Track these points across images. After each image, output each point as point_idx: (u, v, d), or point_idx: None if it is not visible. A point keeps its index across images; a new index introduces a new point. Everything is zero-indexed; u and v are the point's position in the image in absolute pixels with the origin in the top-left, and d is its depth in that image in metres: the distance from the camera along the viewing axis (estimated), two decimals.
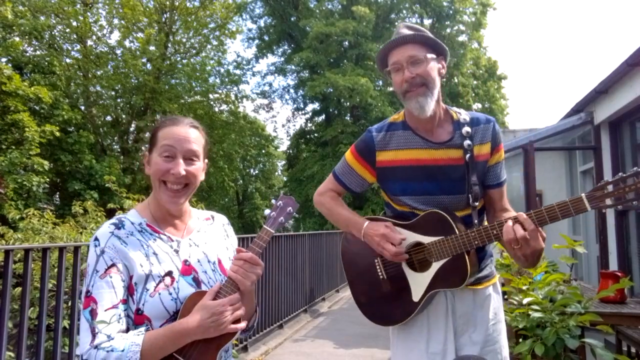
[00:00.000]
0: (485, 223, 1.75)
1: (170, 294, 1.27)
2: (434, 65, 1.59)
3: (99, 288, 1.20)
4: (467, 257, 1.52)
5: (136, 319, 1.24)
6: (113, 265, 1.23)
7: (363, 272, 1.74)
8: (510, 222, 1.42)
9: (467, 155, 1.59)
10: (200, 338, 1.24)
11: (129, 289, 1.24)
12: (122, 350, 1.15)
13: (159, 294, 1.25)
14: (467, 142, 1.60)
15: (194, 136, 1.34)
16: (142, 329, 1.21)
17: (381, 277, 1.70)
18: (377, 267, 1.71)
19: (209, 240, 1.44)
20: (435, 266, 1.58)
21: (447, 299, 1.66)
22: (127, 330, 1.22)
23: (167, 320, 1.26)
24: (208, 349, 1.27)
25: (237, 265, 1.29)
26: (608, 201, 1.36)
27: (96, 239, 1.26)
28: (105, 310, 1.18)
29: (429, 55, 1.58)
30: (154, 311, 1.24)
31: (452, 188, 1.61)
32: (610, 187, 1.36)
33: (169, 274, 1.29)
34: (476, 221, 1.61)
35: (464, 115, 1.66)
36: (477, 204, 1.61)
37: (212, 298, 1.27)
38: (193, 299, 1.27)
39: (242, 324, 1.30)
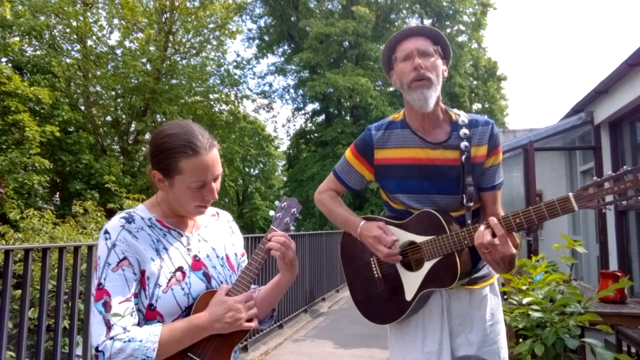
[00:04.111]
0: None
1: (183, 289, 1.26)
2: (440, 63, 1.61)
3: (112, 281, 1.19)
4: (457, 256, 1.52)
5: (147, 315, 1.22)
6: (125, 258, 1.21)
7: (360, 271, 1.75)
8: (482, 227, 1.44)
9: (464, 157, 1.59)
10: (216, 333, 1.25)
11: (141, 283, 1.23)
12: (140, 341, 1.14)
13: (172, 289, 1.24)
14: (464, 144, 1.60)
15: (217, 158, 1.29)
16: (158, 325, 1.21)
17: (377, 275, 1.71)
18: (373, 265, 1.72)
19: (216, 235, 1.43)
20: (428, 265, 1.59)
21: (443, 298, 1.66)
22: (139, 325, 1.21)
23: (179, 316, 1.25)
24: (222, 347, 1.27)
25: (279, 243, 1.33)
26: (598, 201, 1.35)
27: (106, 232, 1.24)
28: (120, 303, 1.17)
29: (438, 52, 1.60)
30: (166, 307, 1.23)
31: (447, 188, 1.61)
32: (603, 185, 1.35)
33: (180, 269, 1.28)
34: (469, 222, 1.61)
35: (462, 117, 1.65)
36: (471, 204, 1.61)
37: (225, 295, 1.27)
38: (205, 297, 1.27)
39: (255, 322, 1.31)
